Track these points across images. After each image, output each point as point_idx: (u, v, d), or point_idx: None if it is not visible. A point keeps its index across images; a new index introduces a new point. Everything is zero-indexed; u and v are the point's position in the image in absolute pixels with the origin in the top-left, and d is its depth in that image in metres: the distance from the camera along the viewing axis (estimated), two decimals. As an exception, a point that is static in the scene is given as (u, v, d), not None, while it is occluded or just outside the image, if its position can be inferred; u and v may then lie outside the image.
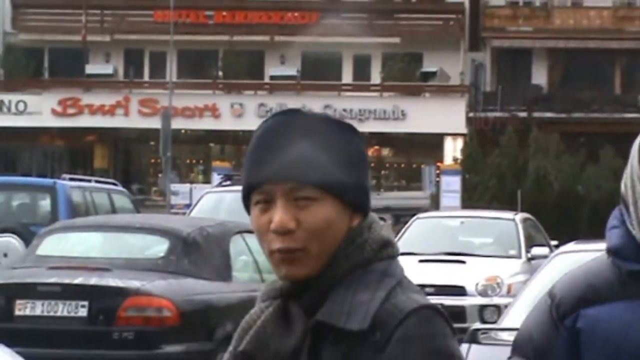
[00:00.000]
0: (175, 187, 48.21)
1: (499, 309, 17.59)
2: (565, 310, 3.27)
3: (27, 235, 22.68)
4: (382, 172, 68.43)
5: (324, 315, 2.94)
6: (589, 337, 3.24)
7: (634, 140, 3.28)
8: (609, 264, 3.29)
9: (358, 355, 2.94)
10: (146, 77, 69.14)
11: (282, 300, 3.04)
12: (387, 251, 3.09)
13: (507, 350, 11.05)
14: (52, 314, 13.54)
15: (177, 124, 54.19)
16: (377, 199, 43.52)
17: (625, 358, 3.20)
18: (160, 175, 58.71)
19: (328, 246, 2.97)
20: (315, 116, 3.07)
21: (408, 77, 67.07)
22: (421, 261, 21.73)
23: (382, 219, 3.19)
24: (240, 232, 15.63)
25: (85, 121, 65.95)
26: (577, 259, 10.64)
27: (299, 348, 2.95)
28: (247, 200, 3.08)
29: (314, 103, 64.44)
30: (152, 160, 64.00)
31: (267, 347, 3.00)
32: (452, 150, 61.09)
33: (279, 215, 2.97)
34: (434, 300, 14.76)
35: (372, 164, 68.75)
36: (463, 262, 22.09)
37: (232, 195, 27.01)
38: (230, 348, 3.08)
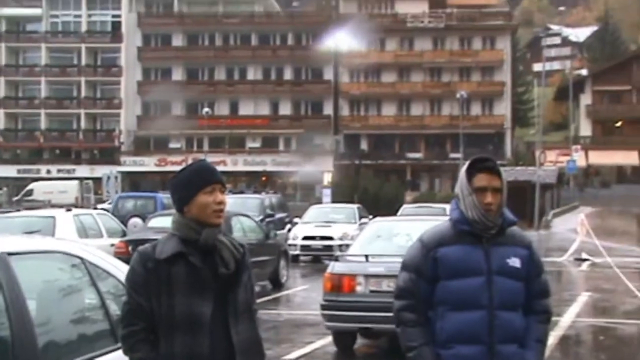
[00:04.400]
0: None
1: (347, 246, 17.51)
2: (430, 247, 3.28)
3: (144, 218, 22.34)
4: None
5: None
6: (442, 262, 3.25)
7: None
8: (450, 225, 3.30)
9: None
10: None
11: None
12: None
13: (352, 265, 10.70)
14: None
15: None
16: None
17: (460, 273, 3.22)
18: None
19: None
20: None
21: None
22: (315, 226, 21.64)
23: None
24: (235, 215, 15.26)
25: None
26: (379, 224, 10.59)
27: None
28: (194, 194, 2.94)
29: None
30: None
31: None
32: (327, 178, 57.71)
33: (220, 197, 2.94)
34: (319, 243, 14.57)
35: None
36: (331, 226, 22.06)
37: (231, 200, 26.61)
38: None
